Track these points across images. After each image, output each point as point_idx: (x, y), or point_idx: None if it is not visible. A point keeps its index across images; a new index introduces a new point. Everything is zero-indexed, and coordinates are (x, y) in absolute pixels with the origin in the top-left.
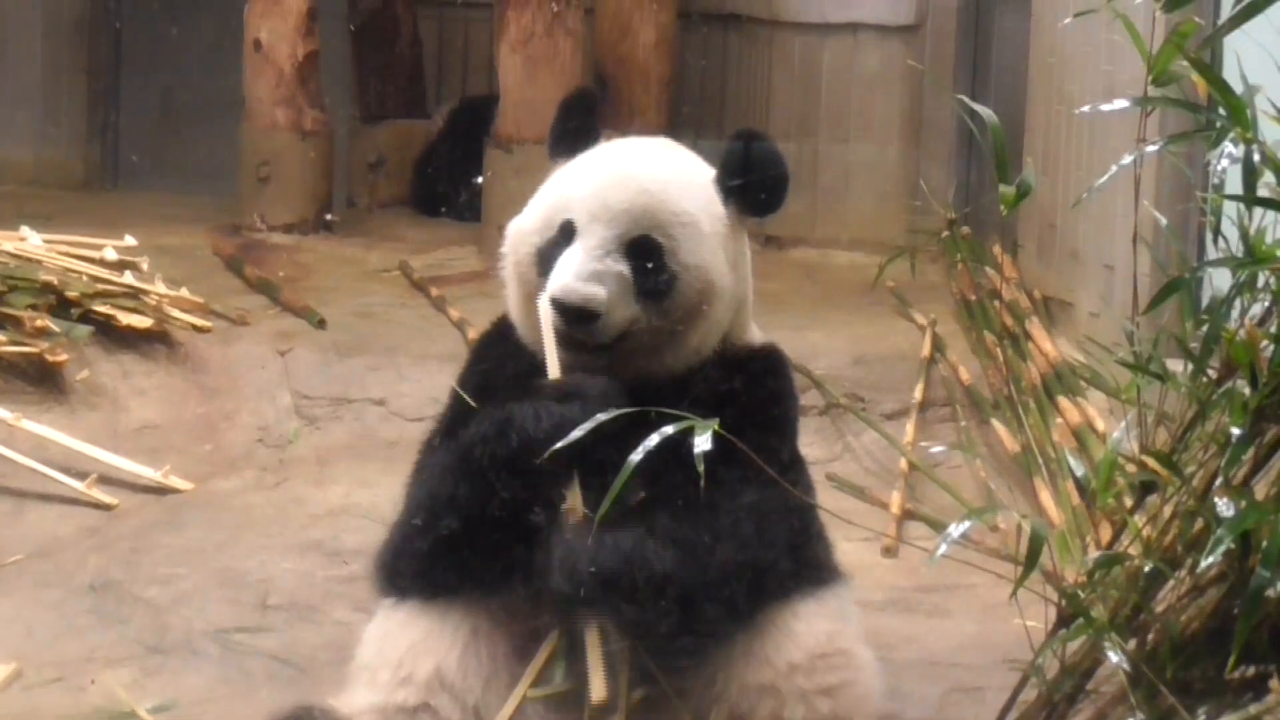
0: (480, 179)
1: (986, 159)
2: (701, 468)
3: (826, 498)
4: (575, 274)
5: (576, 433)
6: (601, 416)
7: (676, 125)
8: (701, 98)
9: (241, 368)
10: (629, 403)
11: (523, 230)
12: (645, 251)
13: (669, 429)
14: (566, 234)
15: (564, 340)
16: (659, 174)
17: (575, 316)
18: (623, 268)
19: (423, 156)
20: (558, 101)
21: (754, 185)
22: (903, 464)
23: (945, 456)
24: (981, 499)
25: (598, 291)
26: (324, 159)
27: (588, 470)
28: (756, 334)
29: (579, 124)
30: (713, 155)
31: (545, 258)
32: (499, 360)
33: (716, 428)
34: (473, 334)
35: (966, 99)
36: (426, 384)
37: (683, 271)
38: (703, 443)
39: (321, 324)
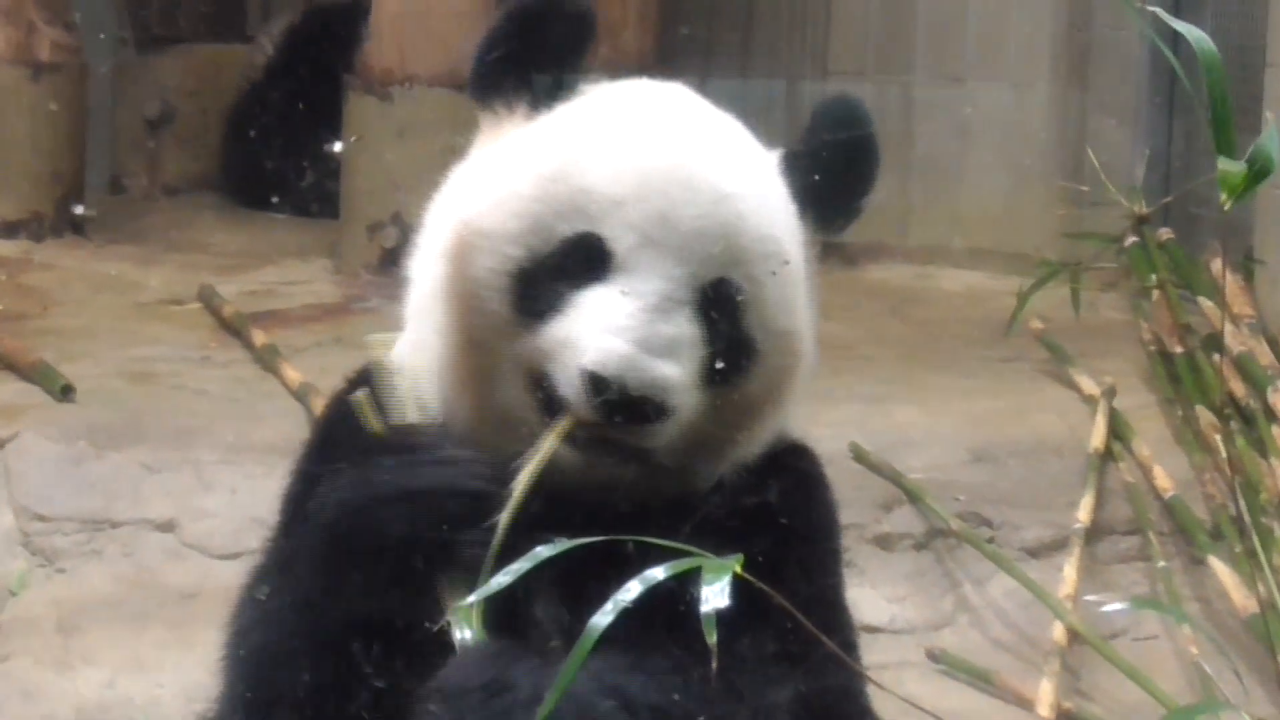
0: (337, 145)
1: (1198, 115)
2: (713, 638)
3: (927, 688)
4: (639, 341)
5: (503, 578)
6: (545, 551)
7: (670, 56)
8: (712, 12)
9: None
10: (586, 519)
11: (481, 229)
12: (721, 304)
13: (657, 572)
14: (590, 258)
15: (586, 441)
16: (734, 166)
17: (632, 411)
18: (697, 330)
19: (239, 107)
20: (463, 20)
21: (843, 188)
22: (1057, 632)
23: (1130, 618)
24: (1192, 691)
25: (675, 376)
26: (71, 112)
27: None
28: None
29: (561, 52)
30: (732, 103)
31: (537, 288)
32: (359, 449)
33: (739, 569)
34: (320, 405)
35: (1164, 13)
36: (245, 495)
37: (767, 339)
38: (716, 595)
39: (67, 392)
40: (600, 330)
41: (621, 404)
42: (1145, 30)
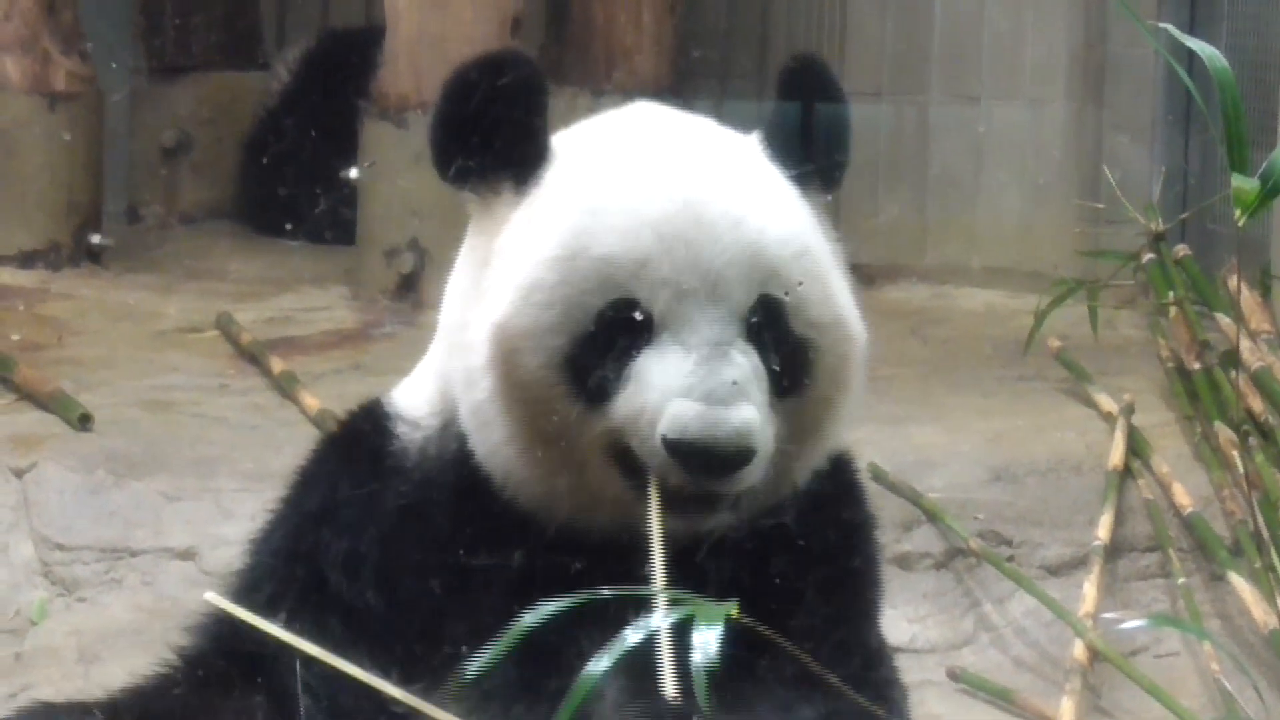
0: (353, 171)
1: (1214, 132)
2: (705, 692)
3: (948, 707)
4: (708, 396)
5: (498, 646)
6: (530, 619)
7: (686, 79)
8: (728, 33)
9: None
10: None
11: (518, 330)
12: (768, 321)
13: (657, 618)
14: (630, 325)
15: (679, 502)
16: (734, 181)
17: (723, 466)
18: (754, 359)
19: (255, 135)
20: (478, 44)
21: (824, 141)
22: (1078, 650)
23: (1150, 635)
24: (1214, 707)
25: (753, 418)
26: (87, 141)
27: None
28: None
29: (519, 120)
30: (749, 126)
31: (589, 370)
32: (361, 473)
33: (735, 613)
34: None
35: (1178, 31)
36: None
37: (818, 335)
38: (707, 642)
39: (85, 422)
40: (668, 395)
41: (712, 462)
42: (1160, 48)
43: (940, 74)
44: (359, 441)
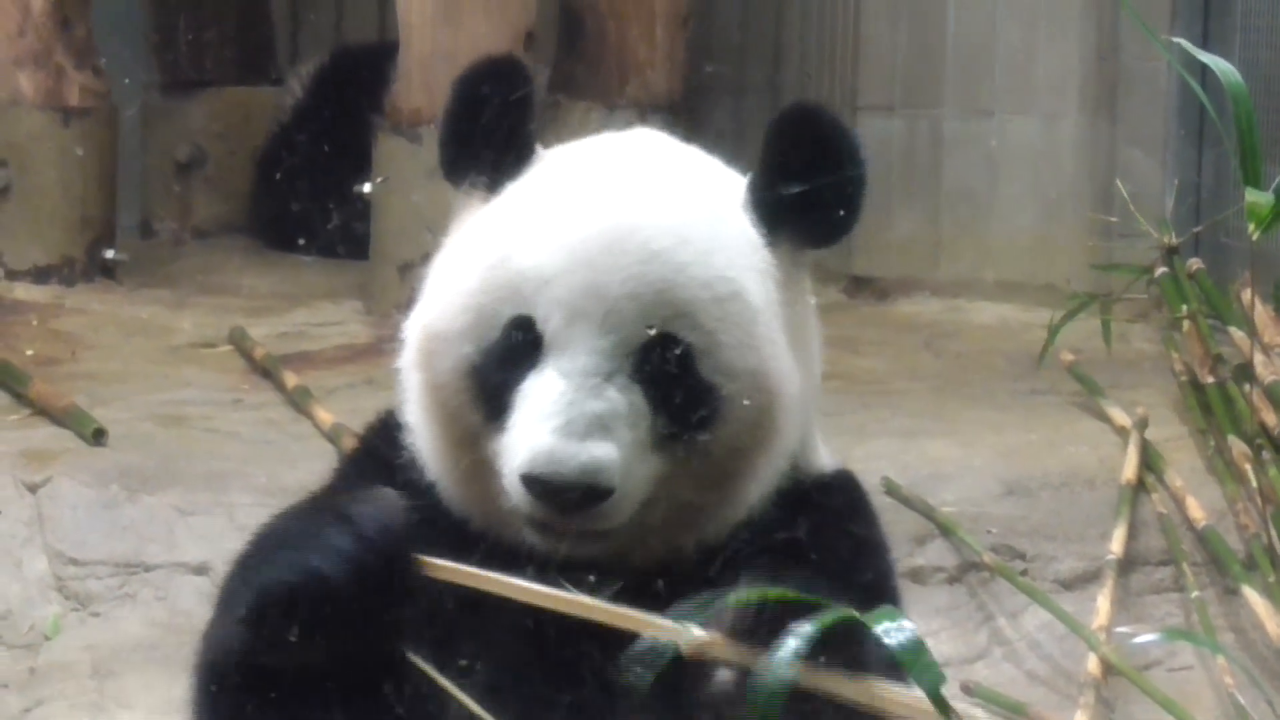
0: (367, 185)
1: (1227, 146)
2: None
3: None
4: (563, 429)
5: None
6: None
7: (699, 95)
8: (741, 48)
9: None
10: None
11: (437, 332)
12: (664, 361)
13: (751, 595)
14: (524, 343)
15: (542, 528)
16: (671, 215)
17: (572, 502)
18: (635, 396)
19: (269, 150)
20: (479, 62)
21: (818, 196)
22: (1091, 664)
23: (1164, 649)
24: None
25: (606, 455)
26: (101, 156)
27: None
28: (823, 451)
29: (504, 123)
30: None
31: (490, 384)
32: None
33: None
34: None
35: (1191, 45)
36: None
37: (728, 383)
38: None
39: (99, 436)
40: (527, 426)
41: (557, 497)
42: (1174, 61)
43: (953, 88)
44: (372, 455)
